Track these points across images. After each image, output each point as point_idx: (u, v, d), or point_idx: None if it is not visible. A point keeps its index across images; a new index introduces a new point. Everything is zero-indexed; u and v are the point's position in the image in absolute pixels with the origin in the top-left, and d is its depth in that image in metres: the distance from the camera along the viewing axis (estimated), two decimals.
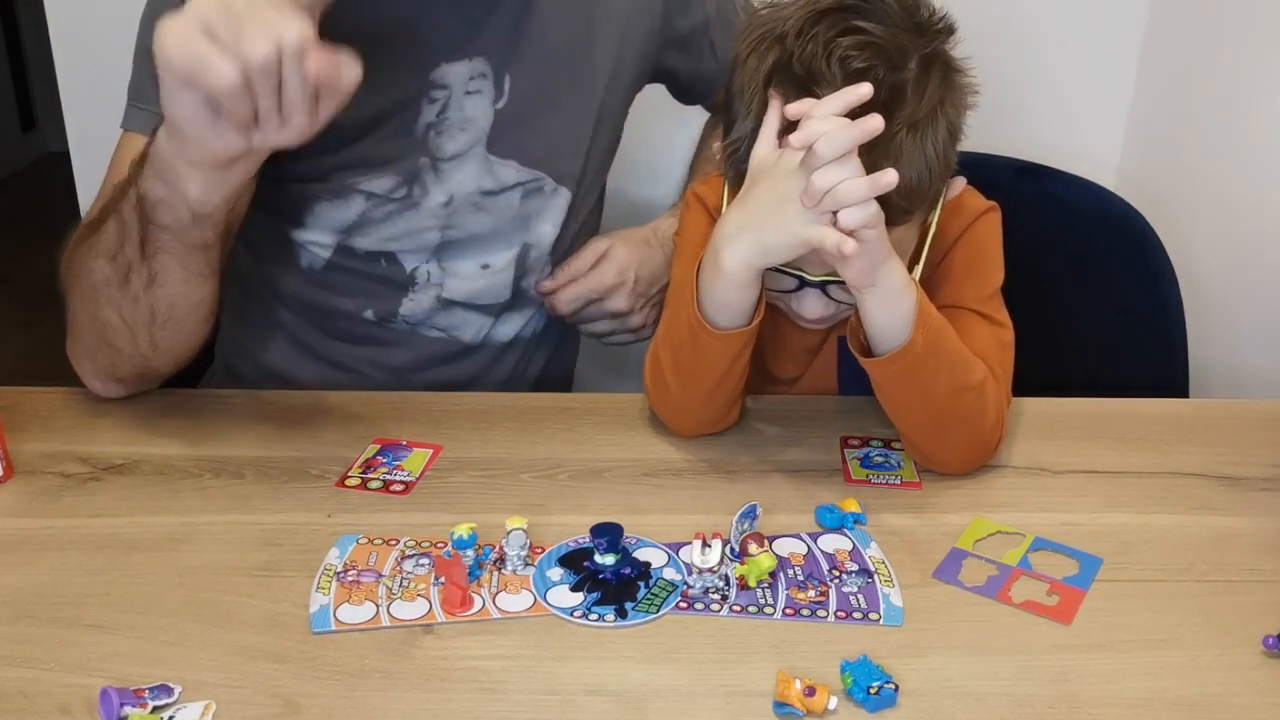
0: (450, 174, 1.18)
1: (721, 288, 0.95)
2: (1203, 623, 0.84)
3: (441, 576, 0.86)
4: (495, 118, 1.18)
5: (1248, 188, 1.47)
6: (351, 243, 1.19)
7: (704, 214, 1.13)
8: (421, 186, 1.18)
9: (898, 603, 0.85)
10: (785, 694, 0.74)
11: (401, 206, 1.18)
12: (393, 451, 1.04)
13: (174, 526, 0.93)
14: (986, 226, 1.08)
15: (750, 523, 0.90)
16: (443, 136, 1.17)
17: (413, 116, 1.15)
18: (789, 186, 0.90)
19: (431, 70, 1.14)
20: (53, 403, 1.11)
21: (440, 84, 1.15)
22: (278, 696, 0.76)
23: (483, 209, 1.21)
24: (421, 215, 1.19)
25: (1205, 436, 1.09)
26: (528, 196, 1.23)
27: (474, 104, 1.17)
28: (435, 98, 1.15)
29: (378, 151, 1.15)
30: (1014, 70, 1.62)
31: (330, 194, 1.17)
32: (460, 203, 1.20)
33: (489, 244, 1.23)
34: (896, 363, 0.95)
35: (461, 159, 1.18)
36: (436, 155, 1.17)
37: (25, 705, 0.75)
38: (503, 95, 1.18)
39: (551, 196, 1.24)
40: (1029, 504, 0.98)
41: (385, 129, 1.14)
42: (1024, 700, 0.76)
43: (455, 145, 1.18)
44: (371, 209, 1.18)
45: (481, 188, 1.20)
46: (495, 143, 1.19)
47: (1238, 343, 1.50)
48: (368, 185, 1.16)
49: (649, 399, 1.08)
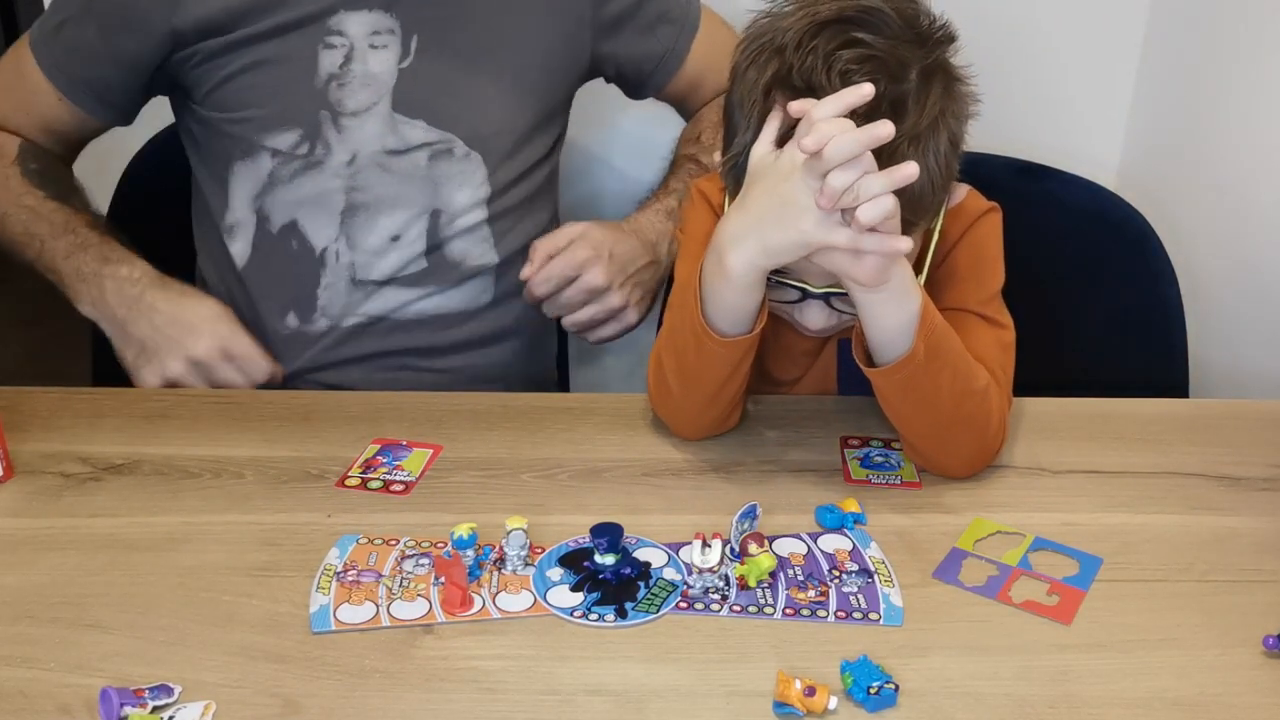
0: (353, 131, 1.20)
1: (727, 291, 0.95)
2: (1203, 623, 0.84)
3: (441, 576, 0.86)
4: (400, 76, 1.20)
5: (1248, 188, 1.47)
6: (266, 213, 1.22)
7: (708, 210, 1.13)
8: (324, 144, 1.20)
9: (898, 603, 0.85)
10: (785, 694, 0.74)
11: (305, 165, 1.20)
12: (393, 451, 1.04)
13: (174, 526, 0.93)
14: (987, 228, 1.08)
15: (750, 523, 0.90)
16: (344, 89, 1.19)
17: (310, 62, 1.18)
18: (789, 188, 0.89)
19: (329, 16, 1.17)
20: (53, 403, 1.11)
21: (337, 30, 1.17)
22: (278, 696, 0.76)
23: (388, 170, 1.22)
24: (325, 175, 1.20)
25: (1205, 436, 1.08)
26: (436, 158, 1.23)
27: (378, 59, 1.19)
28: (333, 44, 1.18)
29: (279, 100, 1.18)
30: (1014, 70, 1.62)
31: (241, 152, 1.20)
32: (364, 162, 1.21)
33: (395, 208, 1.22)
34: (899, 372, 0.94)
35: (364, 115, 1.20)
36: (338, 109, 1.19)
37: (25, 705, 0.75)
38: (409, 54, 1.20)
39: (463, 161, 1.24)
40: (1029, 504, 0.98)
41: (284, 71, 1.17)
42: (1024, 700, 0.76)
43: (357, 101, 1.20)
44: (278, 167, 1.20)
45: (386, 146, 1.21)
46: (401, 101, 1.20)
47: (1238, 343, 1.50)
48: (272, 141, 1.19)
49: (651, 401, 1.08)
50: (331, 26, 1.17)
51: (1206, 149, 1.54)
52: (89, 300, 1.20)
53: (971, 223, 1.07)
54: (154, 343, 1.17)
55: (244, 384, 1.18)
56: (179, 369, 1.16)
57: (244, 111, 1.19)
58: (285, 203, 1.22)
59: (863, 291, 0.92)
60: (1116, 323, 1.40)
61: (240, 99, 1.19)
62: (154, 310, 1.18)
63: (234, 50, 1.17)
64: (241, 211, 1.23)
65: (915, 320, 0.92)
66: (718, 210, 1.12)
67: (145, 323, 1.18)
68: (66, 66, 1.22)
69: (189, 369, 1.16)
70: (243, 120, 1.20)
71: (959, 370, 0.96)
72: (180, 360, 1.16)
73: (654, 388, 1.07)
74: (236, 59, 1.18)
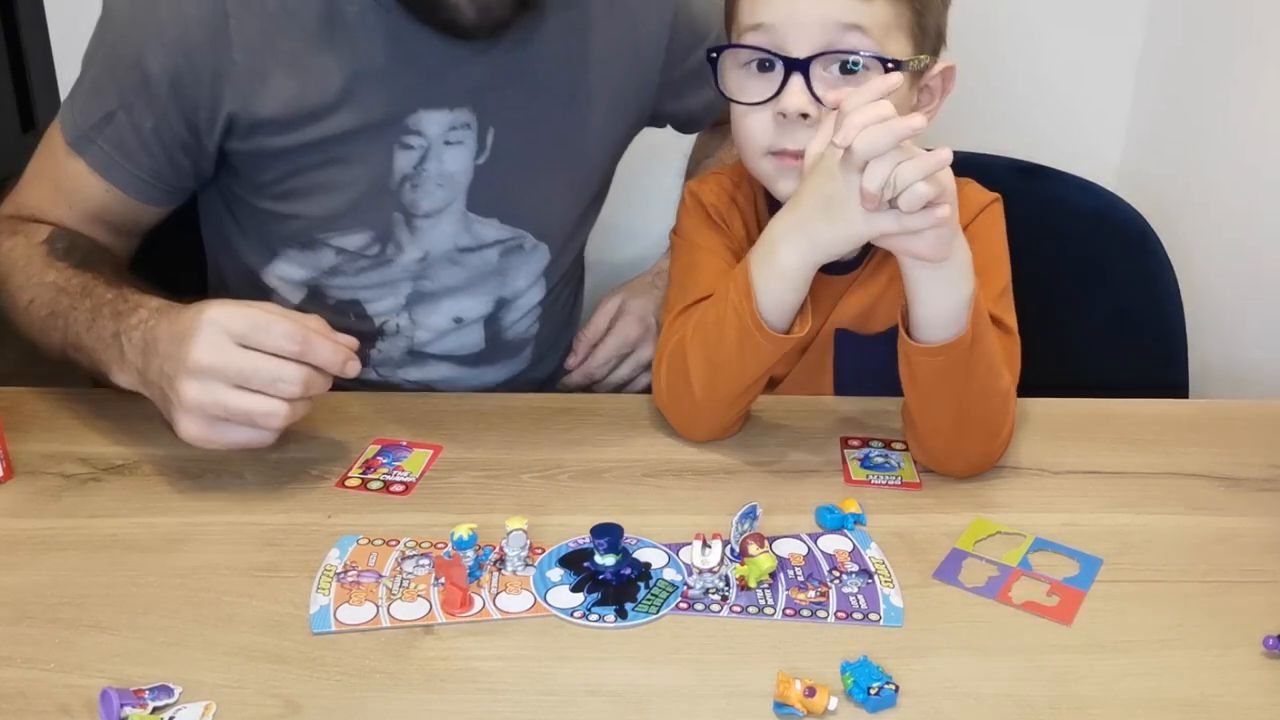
0: (426, 231, 1.14)
1: (779, 288, 0.95)
2: (1203, 623, 0.84)
3: (442, 577, 0.86)
4: (475, 174, 1.13)
5: (1248, 188, 1.47)
6: (321, 290, 1.17)
7: (701, 212, 1.13)
8: (396, 245, 1.14)
9: (898, 603, 0.85)
10: (785, 695, 0.74)
11: (373, 263, 1.15)
12: (393, 452, 1.04)
13: (174, 527, 0.93)
14: (990, 220, 1.08)
15: (750, 523, 0.90)
16: (418, 191, 1.12)
17: (385, 164, 1.10)
18: (833, 186, 0.90)
19: (407, 115, 1.09)
20: (53, 403, 1.11)
21: (415, 130, 1.09)
22: (278, 697, 0.76)
23: (458, 264, 1.18)
24: (394, 270, 1.16)
25: (1205, 436, 1.09)
26: (507, 254, 1.20)
27: (454, 157, 1.12)
28: (410, 144, 1.10)
29: (350, 204, 1.11)
30: (1014, 70, 1.62)
31: (300, 244, 1.14)
32: (435, 259, 1.17)
33: (461, 297, 1.20)
34: (947, 353, 0.93)
35: (439, 216, 1.14)
36: (411, 211, 1.13)
37: (25, 706, 0.75)
38: (485, 149, 1.13)
39: (531, 253, 1.21)
40: (1029, 504, 0.98)
41: (356, 174, 1.10)
42: (1024, 701, 0.76)
43: (432, 202, 1.13)
44: (344, 263, 1.15)
45: (459, 245, 1.17)
46: (475, 200, 1.14)
47: (1238, 343, 1.50)
48: (339, 241, 1.13)
49: (661, 401, 1.08)
50: (409, 126, 1.09)
51: (1206, 149, 1.54)
52: (118, 369, 0.99)
53: (975, 215, 1.07)
54: (165, 379, 0.93)
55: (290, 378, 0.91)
56: (191, 393, 0.90)
57: (307, 208, 1.12)
58: (346, 286, 1.17)
59: (923, 268, 0.91)
60: (1116, 323, 1.40)
61: (304, 195, 1.11)
62: (158, 342, 0.94)
63: (301, 149, 1.09)
64: (289, 281, 1.17)
65: (969, 301, 0.92)
66: (710, 212, 1.12)
67: (155, 363, 0.94)
68: (119, 162, 1.09)
69: (202, 388, 0.90)
70: (305, 216, 1.12)
71: (991, 366, 0.96)
72: (185, 382, 0.90)
73: (667, 388, 1.06)
74: (303, 156, 1.09)
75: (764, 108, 1.00)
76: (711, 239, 1.11)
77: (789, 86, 0.97)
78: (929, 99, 1.04)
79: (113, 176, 1.10)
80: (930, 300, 0.93)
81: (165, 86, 1.05)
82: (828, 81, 0.97)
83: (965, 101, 1.46)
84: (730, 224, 1.12)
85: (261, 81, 1.05)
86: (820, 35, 0.96)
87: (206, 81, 1.05)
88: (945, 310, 0.93)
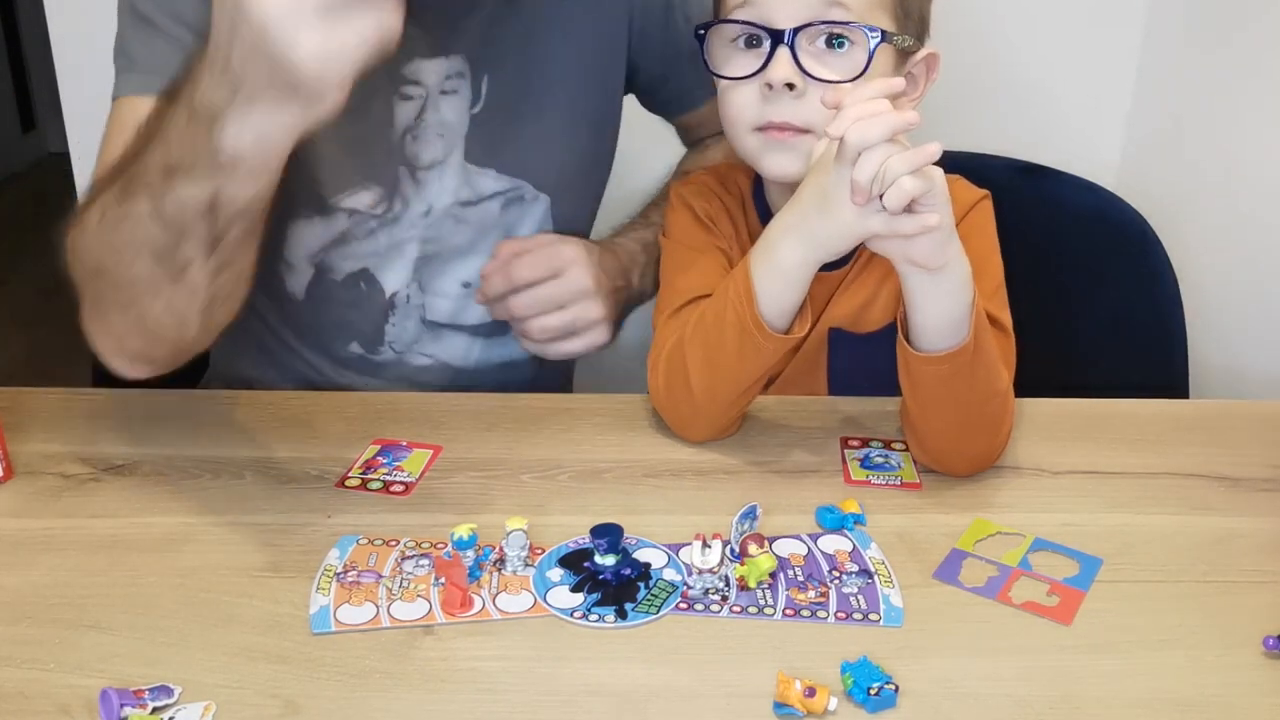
0: (429, 183, 1.15)
1: (779, 287, 0.95)
2: (1203, 623, 0.84)
3: (441, 577, 0.86)
4: (471, 123, 1.14)
5: (1248, 188, 1.47)
6: (331, 263, 1.17)
7: (688, 214, 1.13)
8: (402, 199, 1.15)
9: (898, 603, 0.85)
10: (785, 695, 0.74)
11: (381, 222, 1.16)
12: (393, 452, 1.04)
13: (174, 527, 0.93)
14: (982, 217, 1.08)
15: (750, 523, 0.90)
16: (419, 142, 1.13)
17: (386, 115, 1.11)
18: (828, 180, 0.90)
19: (404, 65, 1.10)
20: (53, 403, 1.11)
21: (414, 79, 1.11)
22: (278, 697, 0.76)
23: (462, 220, 1.18)
24: (401, 228, 1.16)
25: (1205, 437, 1.09)
26: (508, 206, 1.20)
27: (450, 106, 1.13)
28: (409, 95, 1.11)
29: (357, 158, 1.12)
30: (1014, 70, 1.62)
31: (310, 211, 1.14)
32: (438, 214, 1.17)
33: (469, 258, 1.20)
34: (949, 362, 0.93)
35: (440, 168, 1.15)
36: (414, 163, 1.14)
37: (25, 706, 0.75)
38: (480, 98, 1.14)
39: (531, 204, 1.21)
40: (1029, 504, 0.98)
41: (360, 127, 1.10)
42: (1024, 701, 0.76)
43: (432, 153, 1.14)
44: (354, 226, 1.15)
45: (459, 198, 1.17)
46: (472, 150, 1.15)
47: (1238, 343, 1.50)
48: (349, 201, 1.13)
49: (657, 402, 1.07)
50: (407, 75, 1.10)
51: (1206, 149, 1.54)
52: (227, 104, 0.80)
53: (966, 213, 1.07)
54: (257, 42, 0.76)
55: None
56: None
57: (317, 166, 1.10)
58: (355, 255, 1.17)
59: (920, 275, 0.91)
60: (1116, 323, 1.40)
61: (310, 157, 1.09)
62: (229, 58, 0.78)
63: None
64: (297, 259, 1.17)
65: (970, 310, 0.92)
66: (698, 214, 1.12)
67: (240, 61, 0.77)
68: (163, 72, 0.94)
69: None
70: (313, 179, 1.11)
71: (992, 369, 0.96)
72: None
73: (664, 388, 1.06)
74: None
75: (751, 82, 1.01)
76: (700, 239, 1.11)
77: (775, 58, 0.98)
78: (913, 86, 1.05)
79: None
80: (929, 309, 0.92)
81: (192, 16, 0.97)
82: (814, 54, 0.99)
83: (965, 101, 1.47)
84: (718, 222, 1.12)
85: None
86: (804, 10, 0.98)
87: None
88: (946, 319, 0.92)
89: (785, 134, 1.00)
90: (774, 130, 1.01)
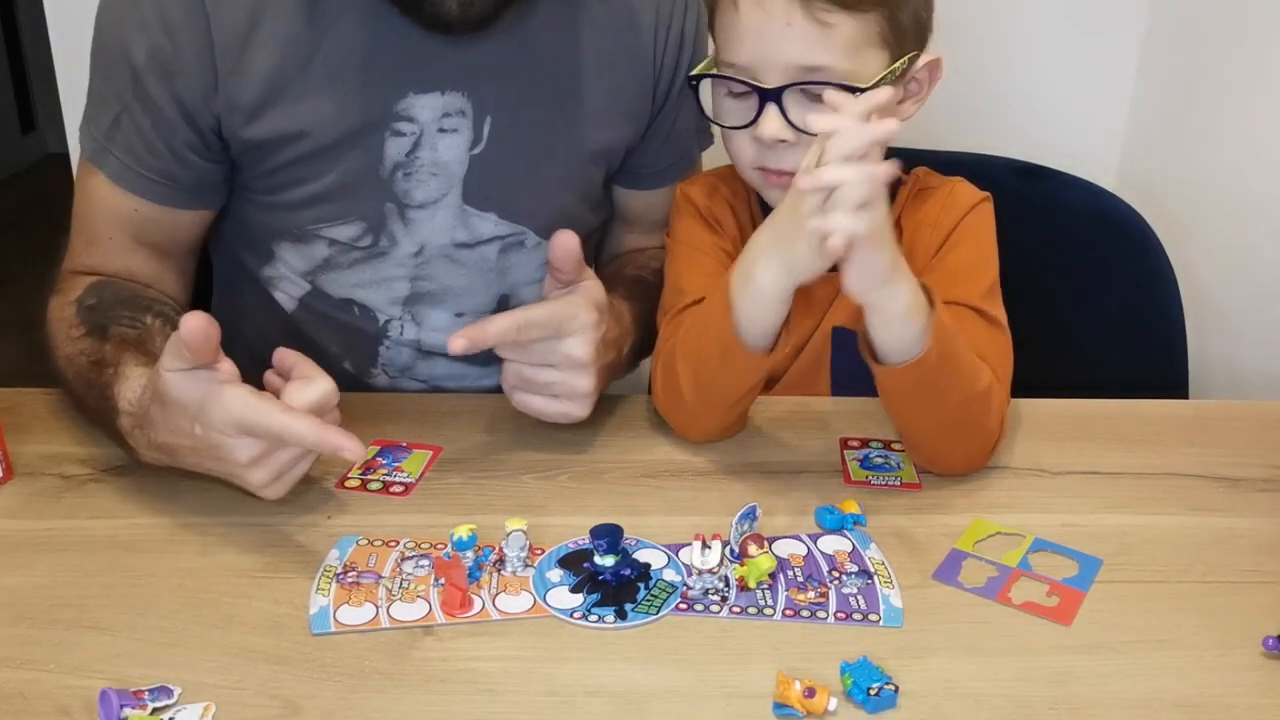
0: (421, 223, 1.12)
1: (756, 306, 0.95)
2: (1202, 624, 0.84)
3: (441, 578, 0.86)
4: (471, 164, 1.10)
5: (1248, 188, 1.47)
6: (321, 287, 1.16)
7: (694, 214, 1.13)
8: (389, 236, 1.12)
9: (897, 604, 0.85)
10: (785, 695, 0.74)
11: (367, 255, 1.13)
12: (392, 453, 1.04)
13: (173, 528, 0.93)
14: (982, 218, 1.09)
15: (750, 524, 0.90)
16: (411, 180, 1.09)
17: (376, 152, 1.08)
18: (799, 200, 0.89)
19: (397, 100, 1.06)
20: (53, 404, 1.11)
21: (406, 116, 1.07)
22: (277, 698, 0.76)
23: (456, 262, 1.15)
24: (389, 264, 1.14)
25: (1205, 437, 1.09)
26: (506, 250, 1.16)
27: (448, 145, 1.09)
28: (401, 131, 1.07)
29: (340, 192, 1.09)
30: (1014, 70, 1.62)
31: (293, 237, 1.13)
32: (432, 254, 1.14)
33: (463, 297, 1.18)
34: (910, 373, 0.93)
35: (433, 208, 1.11)
36: (405, 201, 1.10)
37: (25, 707, 0.75)
38: (481, 139, 1.09)
39: (533, 250, 1.17)
40: (1028, 505, 0.98)
41: (347, 164, 1.08)
42: (1024, 701, 0.76)
43: (425, 192, 1.10)
44: (336, 255, 1.14)
45: (455, 240, 1.13)
46: (471, 192, 1.11)
47: (1238, 343, 1.50)
48: (330, 232, 1.12)
49: (658, 405, 1.08)
50: (400, 112, 1.06)
51: (1206, 149, 1.54)
52: (147, 456, 0.96)
53: (965, 213, 1.08)
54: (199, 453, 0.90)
55: None
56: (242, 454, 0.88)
57: (297, 197, 1.09)
58: (343, 283, 1.16)
59: (866, 299, 0.91)
60: (1116, 323, 1.40)
61: (294, 185, 1.09)
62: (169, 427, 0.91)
63: (290, 138, 1.06)
64: (290, 275, 1.16)
65: (927, 322, 0.92)
66: (703, 214, 1.12)
67: (184, 442, 0.90)
68: (132, 168, 1.07)
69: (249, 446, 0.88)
70: (295, 207, 1.10)
71: (965, 373, 0.96)
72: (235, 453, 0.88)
73: (662, 393, 1.06)
74: (292, 145, 1.07)
75: (745, 130, 1.02)
76: (704, 239, 1.12)
77: (765, 115, 1.00)
78: (917, 89, 1.06)
79: (128, 183, 1.08)
80: (884, 323, 0.92)
81: (153, 76, 1.04)
82: (804, 104, 0.99)
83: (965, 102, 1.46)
84: (723, 222, 1.13)
85: (244, 62, 1.04)
86: (789, 72, 0.98)
87: (190, 61, 1.03)
88: (901, 333, 0.92)
89: (784, 178, 1.01)
90: (772, 174, 1.03)
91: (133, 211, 1.10)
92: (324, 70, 1.05)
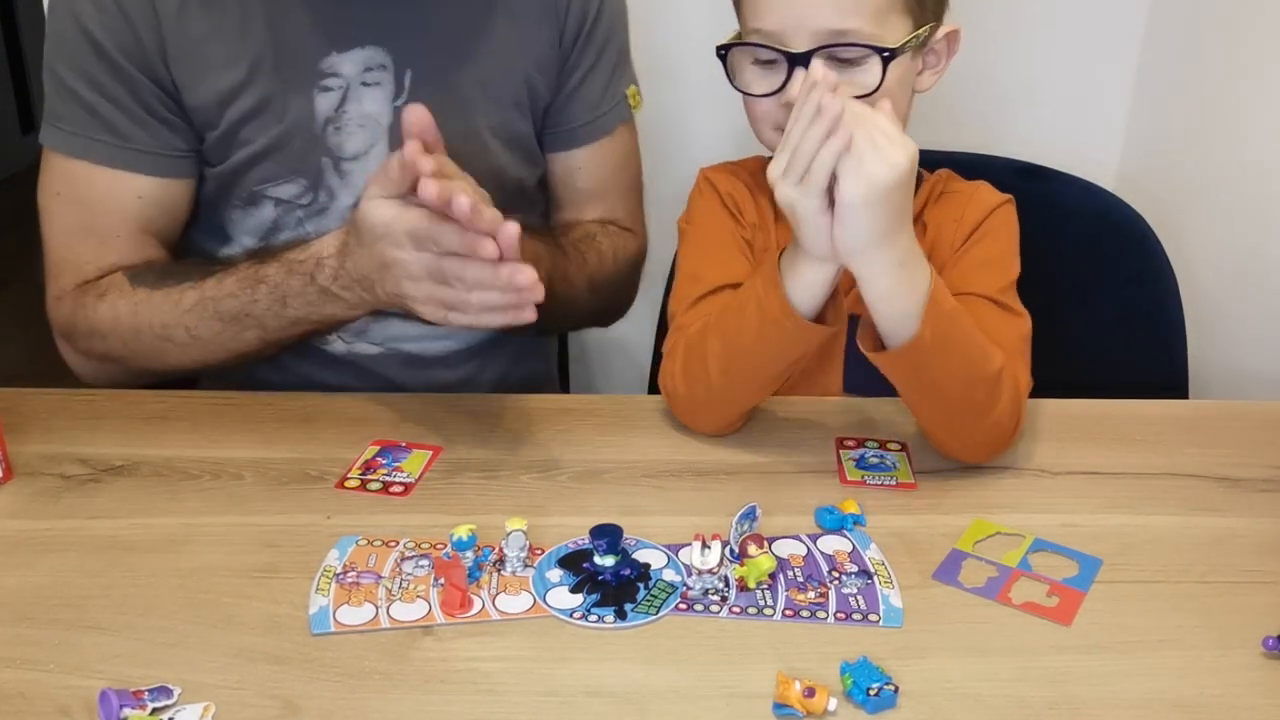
0: (355, 175, 1.16)
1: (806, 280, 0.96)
2: (1202, 624, 0.84)
3: (441, 578, 0.86)
4: (395, 116, 1.14)
5: (1248, 188, 1.47)
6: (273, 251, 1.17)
7: (714, 196, 1.14)
8: (328, 191, 1.16)
9: (897, 604, 0.85)
10: (785, 695, 0.74)
11: (309, 212, 1.17)
12: (392, 453, 1.04)
13: (174, 528, 0.93)
14: (1004, 218, 1.11)
15: (750, 524, 0.90)
16: (342, 133, 1.14)
17: (307, 109, 1.13)
18: None
19: (322, 58, 1.12)
20: (53, 404, 1.11)
21: (332, 71, 1.12)
22: (277, 698, 0.76)
23: None
24: (330, 219, 1.17)
25: (1205, 437, 1.09)
26: None
27: (373, 98, 1.14)
28: (329, 86, 1.13)
29: (279, 151, 1.13)
30: (1014, 70, 1.62)
31: (243, 203, 1.16)
32: None
33: None
34: (904, 357, 0.95)
35: (364, 159, 1.15)
36: (338, 154, 1.15)
37: (25, 707, 0.75)
38: (403, 91, 1.15)
39: None
40: (1028, 505, 0.98)
41: (285, 122, 1.12)
42: (1024, 701, 0.76)
43: (355, 144, 1.15)
44: (282, 215, 1.17)
45: None
46: (398, 143, 1.09)
47: (1238, 343, 1.50)
48: (275, 191, 1.15)
49: (669, 388, 1.07)
50: (325, 69, 1.12)
51: (1206, 149, 1.54)
52: (346, 311, 1.07)
53: (989, 213, 1.10)
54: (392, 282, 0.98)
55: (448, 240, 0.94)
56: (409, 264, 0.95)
57: (242, 158, 1.13)
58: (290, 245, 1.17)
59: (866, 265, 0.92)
60: (1116, 323, 1.40)
61: (239, 147, 1.13)
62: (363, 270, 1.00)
63: (230, 95, 1.11)
64: (239, 246, 1.19)
65: (923, 304, 0.93)
66: (722, 197, 1.13)
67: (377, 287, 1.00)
68: (120, 145, 1.11)
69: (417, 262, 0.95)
70: (241, 169, 1.14)
71: (970, 356, 0.96)
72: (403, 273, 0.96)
73: (680, 373, 1.06)
74: (230, 105, 1.11)
75: (773, 98, 1.02)
76: (724, 224, 1.12)
77: (793, 80, 1.00)
78: (935, 60, 1.07)
79: (123, 161, 1.11)
80: (879, 302, 0.94)
81: (113, 46, 1.08)
82: (832, 68, 0.99)
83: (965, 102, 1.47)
84: (744, 210, 1.13)
85: (182, 28, 1.08)
86: (818, 35, 0.99)
87: (143, 31, 1.08)
88: (896, 312, 0.94)
89: None
90: None
91: (136, 199, 1.13)
92: (253, 31, 1.10)
